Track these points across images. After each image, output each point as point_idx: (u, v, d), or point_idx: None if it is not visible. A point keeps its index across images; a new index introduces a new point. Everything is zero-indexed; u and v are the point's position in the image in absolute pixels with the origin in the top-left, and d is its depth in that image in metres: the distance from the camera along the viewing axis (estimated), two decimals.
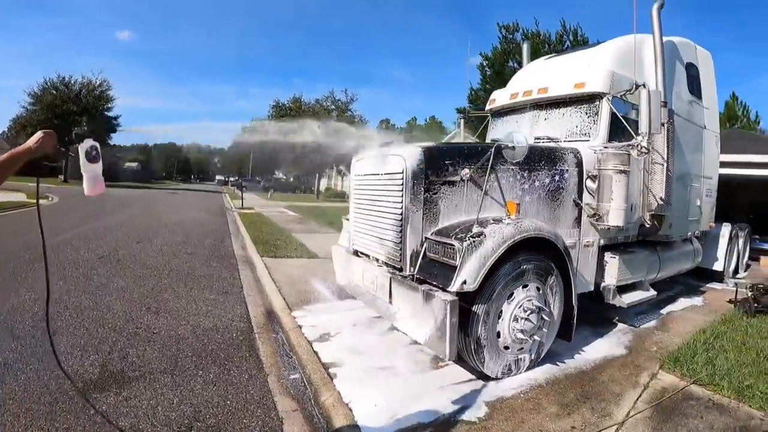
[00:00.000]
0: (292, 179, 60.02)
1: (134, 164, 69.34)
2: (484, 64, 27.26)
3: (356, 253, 5.24)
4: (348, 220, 5.58)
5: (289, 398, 3.67)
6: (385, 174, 4.37)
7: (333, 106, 39.57)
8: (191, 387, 3.71)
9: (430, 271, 3.89)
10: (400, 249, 4.14)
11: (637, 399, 3.88)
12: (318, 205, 29.31)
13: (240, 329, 5.14)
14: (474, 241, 3.63)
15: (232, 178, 67.76)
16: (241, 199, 25.10)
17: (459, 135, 7.55)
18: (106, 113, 46.98)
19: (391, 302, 4.26)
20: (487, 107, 6.82)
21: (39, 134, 1.98)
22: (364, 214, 4.89)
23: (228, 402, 3.52)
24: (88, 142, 2.21)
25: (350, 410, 3.42)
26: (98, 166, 2.22)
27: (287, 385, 3.88)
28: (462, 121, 7.67)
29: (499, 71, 25.99)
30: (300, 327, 5.16)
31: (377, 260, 4.68)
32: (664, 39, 5.56)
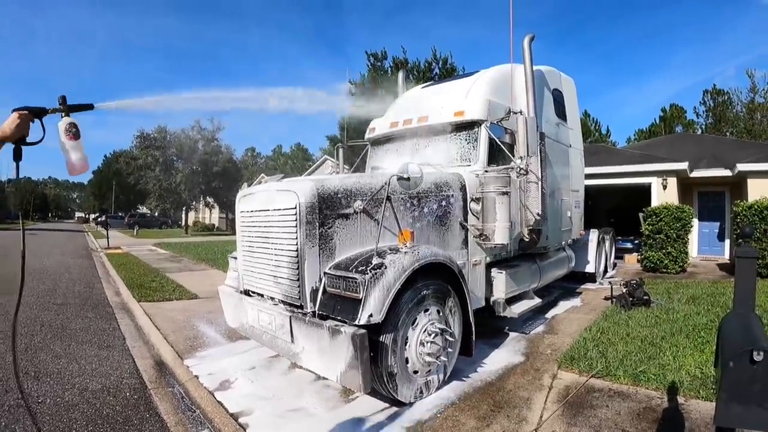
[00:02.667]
0: (156, 213, 56.58)
1: None
2: (353, 92, 27.82)
3: (247, 292, 5.01)
4: (235, 258, 5.33)
5: None
6: (276, 210, 4.24)
7: (199, 136, 38.19)
8: None
9: (333, 306, 3.82)
10: (299, 286, 4.02)
11: (546, 400, 4.15)
12: (188, 240, 27.90)
13: (132, 387, 4.67)
14: (376, 273, 3.65)
15: (92, 215, 62.14)
16: (107, 237, 23.07)
17: (335, 165, 7.58)
18: None
19: (293, 341, 4.12)
20: (367, 136, 6.91)
21: (14, 117, 1.93)
22: (255, 252, 4.69)
23: None
24: (66, 120, 2.10)
25: None
26: (80, 143, 2.13)
27: None
28: (341, 150, 7.75)
29: (368, 98, 26.58)
30: (197, 377, 4.80)
31: (272, 299, 4.52)
32: (534, 68, 6.03)
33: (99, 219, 41.98)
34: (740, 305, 2.36)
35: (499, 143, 5.36)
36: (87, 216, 71.98)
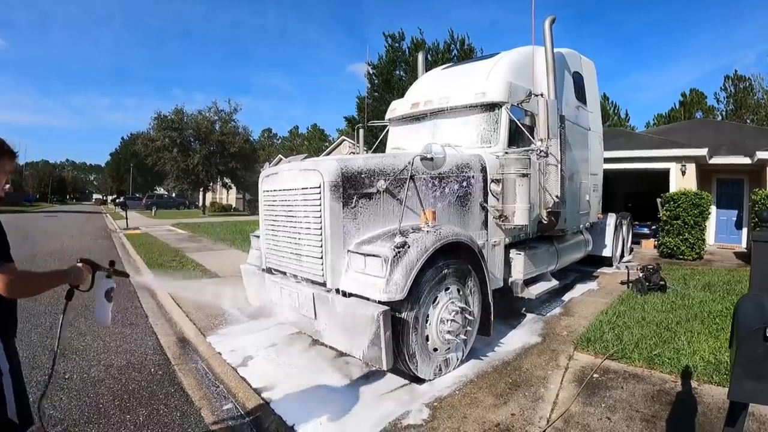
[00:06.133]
0: (174, 195, 57.17)
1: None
2: (372, 72, 27.68)
3: (269, 270, 5.11)
4: (257, 237, 5.42)
5: (229, 430, 3.51)
6: (301, 189, 4.31)
7: (216, 117, 38.34)
8: None
9: (356, 283, 3.91)
10: (322, 264, 4.11)
11: (562, 380, 4.21)
12: (206, 221, 28.08)
13: (157, 363, 4.80)
14: (399, 251, 3.72)
15: (110, 197, 62.73)
16: (126, 218, 23.33)
17: (353, 145, 7.65)
18: None
19: (315, 318, 4.22)
20: (388, 116, 6.94)
21: (80, 267, 2.25)
22: (279, 231, 4.77)
23: None
24: (109, 283, 2.43)
25: None
26: (111, 305, 2.48)
27: (223, 417, 3.68)
28: (361, 131, 7.79)
29: (387, 80, 26.51)
30: (219, 353, 4.92)
31: (295, 277, 4.61)
32: (554, 51, 6.01)
33: (117, 200, 42.36)
34: (756, 287, 2.39)
35: (520, 125, 5.37)
36: (105, 197, 72.74)
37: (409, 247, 3.78)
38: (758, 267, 2.46)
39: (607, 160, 10.07)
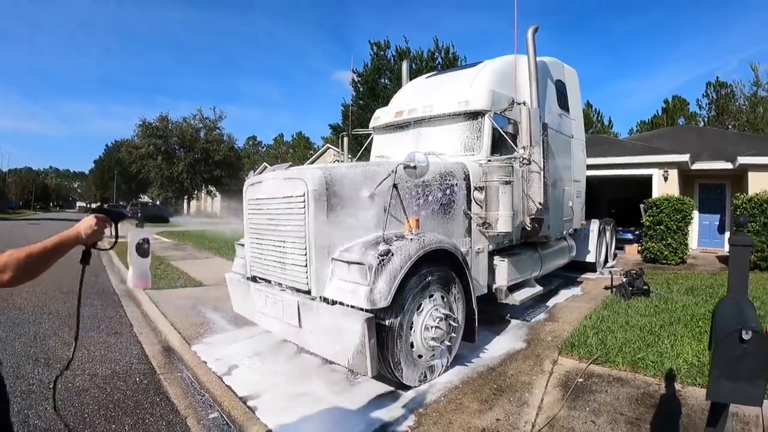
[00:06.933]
0: (158, 203, 56.82)
1: None
2: (357, 80, 27.80)
3: (254, 279, 5.10)
4: (242, 245, 5.42)
5: None
6: (285, 197, 4.32)
7: (201, 125, 38.23)
8: None
9: (341, 290, 3.93)
10: (306, 272, 4.12)
11: (547, 384, 4.25)
12: (190, 229, 27.88)
13: (142, 372, 4.78)
14: (383, 259, 3.74)
15: (94, 204, 62.01)
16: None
17: (338, 153, 7.69)
18: None
19: (300, 326, 4.22)
20: (372, 124, 6.97)
21: (91, 219, 1.82)
22: (263, 239, 4.77)
23: None
24: (141, 234, 1.97)
25: None
26: (147, 261, 1.97)
27: (209, 426, 3.68)
28: (346, 139, 7.83)
29: (372, 87, 26.69)
30: (205, 362, 4.89)
31: (280, 285, 4.62)
32: (537, 59, 6.09)
33: (98, 207, 41.71)
34: (734, 291, 2.44)
35: (503, 133, 5.45)
36: (89, 205, 71.79)
37: (392, 254, 3.81)
38: (736, 270, 2.51)
39: (590, 167, 10.22)
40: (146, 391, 4.31)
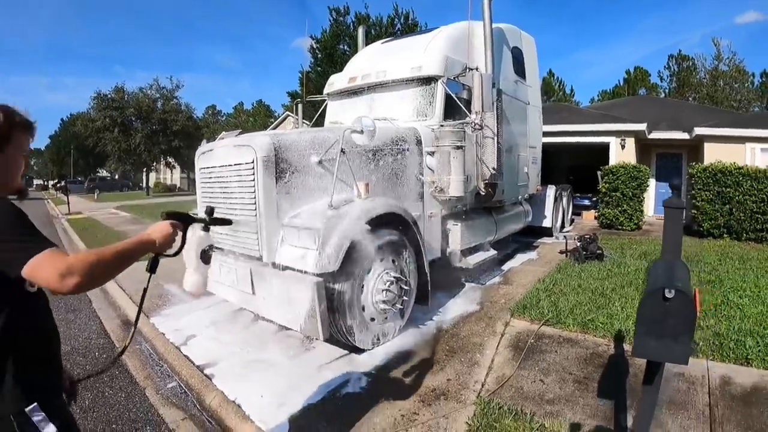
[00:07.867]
0: (117, 176, 55.11)
1: None
2: (315, 47, 27.29)
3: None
4: (196, 214, 5.34)
5: (173, 408, 3.54)
6: (235, 165, 4.28)
7: (158, 95, 36.97)
8: None
9: (291, 256, 3.94)
10: (257, 239, 4.12)
11: (498, 345, 4.39)
12: (150, 202, 27.24)
13: (101, 347, 4.76)
14: (330, 224, 3.76)
15: (51, 182, 59.77)
16: (68, 203, 22.35)
17: (296, 120, 7.56)
18: None
19: (254, 293, 4.23)
20: (326, 91, 6.89)
21: (166, 226, 1.67)
22: (216, 208, 4.72)
23: (114, 426, 3.30)
24: (207, 240, 1.87)
25: (239, 407, 3.39)
26: (207, 268, 1.90)
27: (167, 395, 3.71)
28: (300, 106, 7.74)
29: (330, 54, 26.24)
30: (163, 333, 4.88)
31: (233, 253, 4.60)
32: (493, 26, 6.09)
33: (58, 185, 40.17)
34: (667, 253, 2.51)
35: (456, 99, 5.45)
36: (46, 183, 69.08)
37: (340, 218, 3.83)
38: (670, 232, 2.58)
39: (549, 134, 10.36)
40: (105, 365, 4.28)
